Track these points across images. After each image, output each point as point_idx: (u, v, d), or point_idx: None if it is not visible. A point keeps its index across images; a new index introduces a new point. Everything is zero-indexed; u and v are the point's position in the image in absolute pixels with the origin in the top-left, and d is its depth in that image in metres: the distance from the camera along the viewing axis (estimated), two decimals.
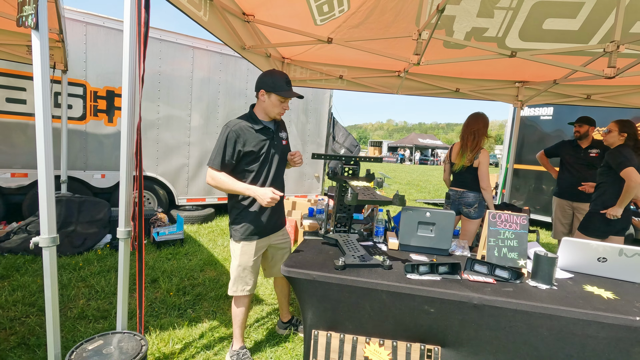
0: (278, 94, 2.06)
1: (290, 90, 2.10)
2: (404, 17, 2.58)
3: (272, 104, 2.09)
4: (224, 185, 2.05)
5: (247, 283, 2.23)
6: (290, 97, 2.09)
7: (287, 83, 2.10)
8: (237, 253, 2.20)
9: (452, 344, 1.73)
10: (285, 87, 2.07)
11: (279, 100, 2.08)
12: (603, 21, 2.44)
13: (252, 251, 2.20)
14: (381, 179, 2.20)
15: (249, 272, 2.21)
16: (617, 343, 1.52)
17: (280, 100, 2.09)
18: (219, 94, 5.99)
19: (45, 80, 1.44)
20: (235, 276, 2.22)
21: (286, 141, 2.33)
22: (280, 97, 2.07)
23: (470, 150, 3.18)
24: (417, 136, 46.17)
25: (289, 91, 2.09)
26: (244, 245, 2.18)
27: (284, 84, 2.07)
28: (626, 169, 2.78)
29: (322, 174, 7.49)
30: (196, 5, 2.01)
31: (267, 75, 2.11)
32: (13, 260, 3.67)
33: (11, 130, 4.55)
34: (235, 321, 2.31)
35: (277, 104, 2.09)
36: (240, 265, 2.20)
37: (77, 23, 4.70)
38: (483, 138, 3.19)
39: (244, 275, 2.21)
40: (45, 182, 1.48)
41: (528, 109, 6.95)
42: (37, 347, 2.31)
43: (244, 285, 2.22)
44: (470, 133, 3.22)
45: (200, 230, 5.44)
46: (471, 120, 3.25)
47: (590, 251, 1.99)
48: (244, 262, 2.19)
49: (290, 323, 2.70)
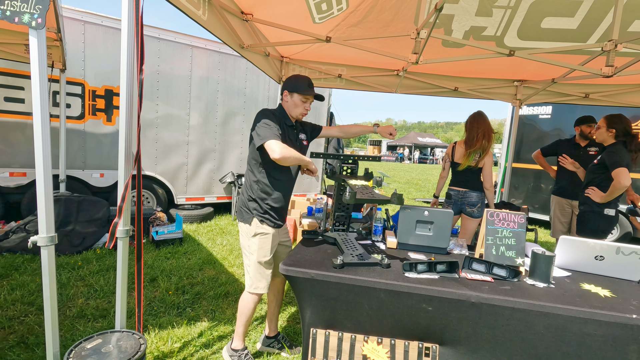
0: (300, 93, 2.13)
1: (311, 90, 2.17)
2: (402, 16, 2.58)
3: (295, 104, 2.16)
4: (296, 156, 1.99)
5: (267, 279, 2.21)
6: (311, 95, 2.16)
7: (309, 85, 2.17)
8: (255, 248, 2.17)
9: (450, 342, 1.73)
10: (306, 87, 2.15)
11: (300, 100, 2.15)
12: (601, 20, 2.45)
13: (269, 244, 2.18)
14: (380, 178, 2.20)
15: (267, 266, 2.20)
16: (614, 341, 1.53)
17: (302, 100, 2.16)
18: (218, 93, 5.99)
19: (43, 78, 1.44)
20: (253, 273, 2.18)
21: (307, 142, 2.36)
22: (302, 97, 2.14)
23: (482, 151, 3.17)
24: (416, 135, 46.19)
25: (309, 90, 2.16)
26: (261, 239, 2.16)
27: (306, 85, 2.15)
28: (618, 169, 2.78)
29: (321, 173, 7.49)
30: (195, 4, 2.00)
31: (291, 78, 2.20)
32: (12, 260, 3.67)
33: (10, 130, 4.55)
34: (241, 319, 2.25)
35: (299, 103, 2.16)
36: (259, 260, 2.17)
37: (75, 22, 4.69)
38: (492, 139, 3.19)
39: (261, 270, 2.18)
40: (43, 181, 1.48)
41: (527, 107, 6.96)
42: (36, 345, 2.31)
43: (264, 281, 2.20)
44: (481, 134, 3.19)
45: (199, 230, 5.44)
46: (480, 121, 3.22)
47: (588, 249, 2.00)
48: (261, 256, 2.16)
49: (275, 339, 2.48)
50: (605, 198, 2.90)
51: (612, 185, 2.81)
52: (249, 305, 2.23)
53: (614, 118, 3.00)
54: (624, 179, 2.73)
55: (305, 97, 2.16)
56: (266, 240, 2.17)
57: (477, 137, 3.20)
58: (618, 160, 2.80)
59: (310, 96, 2.18)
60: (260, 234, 2.16)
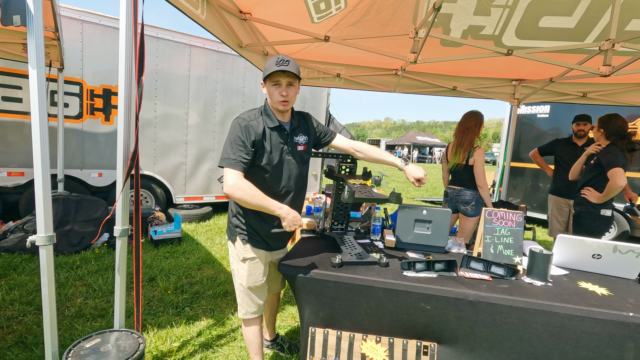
0: (268, 78, 1.70)
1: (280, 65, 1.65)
2: (400, 15, 2.58)
3: (270, 94, 1.74)
4: (253, 200, 1.63)
5: (259, 303, 1.94)
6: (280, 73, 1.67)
7: (278, 62, 1.65)
8: (244, 273, 1.88)
9: (449, 340, 1.74)
10: (273, 66, 1.66)
11: (271, 84, 1.72)
12: (598, 19, 2.46)
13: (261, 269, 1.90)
14: (379, 177, 2.20)
15: (259, 290, 1.93)
16: (611, 338, 1.54)
17: (273, 84, 1.71)
18: (217, 92, 5.98)
19: (40, 78, 1.43)
20: (242, 298, 1.92)
21: (305, 147, 1.88)
22: (271, 81, 1.71)
23: (464, 148, 3.20)
24: (415, 134, 46.27)
25: (276, 67, 1.64)
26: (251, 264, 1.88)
27: (273, 65, 1.66)
28: (613, 170, 2.78)
29: (319, 172, 7.50)
30: (194, 3, 2.00)
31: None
32: (10, 259, 3.66)
33: (7, 129, 4.53)
34: (251, 348, 1.98)
35: (272, 90, 1.72)
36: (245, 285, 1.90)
37: (73, 21, 4.67)
38: (475, 136, 3.21)
39: (252, 297, 1.91)
40: (41, 180, 1.48)
41: (525, 107, 6.97)
42: (35, 345, 2.31)
43: (255, 306, 1.92)
44: (461, 131, 3.26)
45: (197, 229, 5.44)
46: (464, 119, 3.30)
47: (585, 248, 2.01)
48: (252, 282, 1.89)
49: (274, 342, 2.40)
50: (602, 198, 2.91)
51: (608, 186, 2.82)
52: (250, 332, 1.97)
53: (604, 119, 3.02)
54: (619, 179, 2.73)
55: (275, 79, 1.70)
56: (257, 265, 1.88)
57: (460, 134, 3.28)
58: (614, 161, 2.80)
59: (280, 77, 1.69)
60: (250, 259, 1.87)
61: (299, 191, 1.91)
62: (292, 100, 1.77)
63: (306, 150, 1.89)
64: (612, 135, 2.95)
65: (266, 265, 1.94)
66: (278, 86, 1.72)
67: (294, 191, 1.87)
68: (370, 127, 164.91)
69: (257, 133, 1.71)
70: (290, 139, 1.82)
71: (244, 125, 1.71)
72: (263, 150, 1.74)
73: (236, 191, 1.62)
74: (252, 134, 1.70)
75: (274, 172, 1.78)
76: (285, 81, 1.71)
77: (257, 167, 1.75)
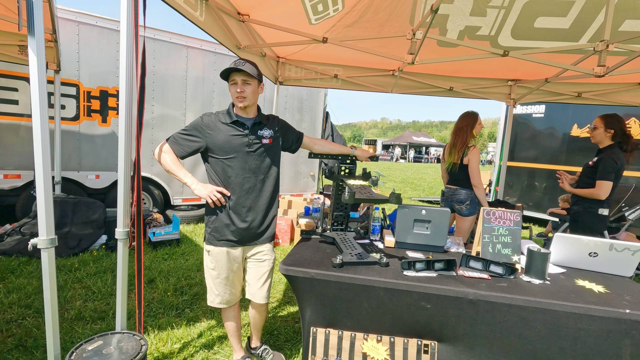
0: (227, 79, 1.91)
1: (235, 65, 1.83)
2: (398, 16, 2.60)
3: (230, 92, 1.93)
4: (167, 166, 1.89)
5: (219, 294, 2.05)
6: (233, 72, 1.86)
7: (235, 63, 1.84)
8: (207, 261, 2.04)
9: (449, 338, 1.76)
10: (229, 67, 1.84)
11: (230, 84, 1.91)
12: (593, 20, 2.49)
13: (223, 260, 2.00)
14: (376, 177, 2.21)
15: (220, 283, 2.03)
16: (608, 335, 1.56)
17: (230, 83, 1.91)
18: (214, 93, 5.97)
19: (42, 82, 1.44)
20: (208, 284, 2.07)
21: (271, 139, 2.01)
22: (230, 81, 1.90)
23: (458, 148, 3.23)
24: (411, 134, 46.38)
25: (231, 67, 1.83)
26: (213, 251, 2.00)
27: (231, 66, 1.84)
28: (602, 182, 2.81)
29: (317, 173, 7.51)
30: (192, 5, 2.01)
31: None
32: (7, 262, 3.64)
33: (3, 131, 4.50)
34: (228, 332, 2.22)
35: (231, 89, 1.91)
36: (210, 275, 2.04)
37: (69, 22, 4.65)
38: (469, 135, 3.24)
39: (214, 285, 2.04)
40: (43, 183, 1.48)
41: (520, 107, 7.03)
42: (35, 348, 2.30)
43: (214, 296, 2.06)
44: (456, 131, 3.29)
45: (196, 230, 5.43)
46: (459, 119, 3.34)
47: (582, 246, 2.04)
48: (214, 272, 2.02)
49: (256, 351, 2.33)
50: (572, 191, 3.03)
51: (590, 192, 2.89)
52: (224, 318, 2.18)
53: (611, 118, 2.95)
54: (603, 192, 2.81)
55: (232, 78, 1.88)
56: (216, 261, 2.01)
57: (454, 134, 3.32)
58: (609, 172, 2.80)
59: (236, 75, 1.86)
60: (209, 252, 2.02)
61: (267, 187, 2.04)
62: (250, 98, 1.91)
63: (272, 143, 2.03)
64: (619, 135, 2.93)
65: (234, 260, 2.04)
66: (235, 84, 1.88)
67: (259, 183, 2.00)
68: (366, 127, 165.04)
69: (206, 125, 1.93)
70: (253, 133, 1.97)
71: (198, 118, 1.97)
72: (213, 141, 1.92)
73: (159, 155, 1.91)
74: (200, 125, 1.93)
75: (232, 163, 1.94)
76: (240, 79, 1.87)
77: (215, 159, 1.95)
